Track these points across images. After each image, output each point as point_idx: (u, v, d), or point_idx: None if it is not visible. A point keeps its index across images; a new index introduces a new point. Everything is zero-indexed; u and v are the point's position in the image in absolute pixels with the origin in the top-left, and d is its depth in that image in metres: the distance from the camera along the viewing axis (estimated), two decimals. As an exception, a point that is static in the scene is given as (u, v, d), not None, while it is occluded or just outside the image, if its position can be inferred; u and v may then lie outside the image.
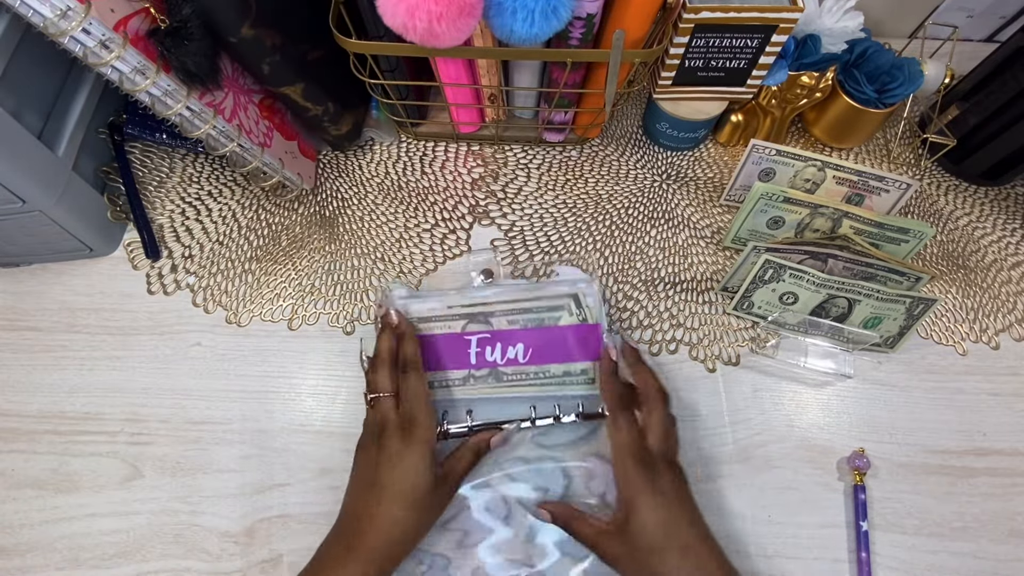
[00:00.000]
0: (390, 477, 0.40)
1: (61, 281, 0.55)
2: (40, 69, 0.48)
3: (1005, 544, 0.46)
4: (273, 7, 0.46)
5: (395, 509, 0.39)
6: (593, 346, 0.48)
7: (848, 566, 0.45)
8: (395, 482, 0.39)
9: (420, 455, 0.40)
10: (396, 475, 0.40)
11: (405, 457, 0.40)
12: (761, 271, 0.49)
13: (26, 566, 0.44)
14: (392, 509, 0.39)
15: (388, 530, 0.39)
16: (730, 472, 0.48)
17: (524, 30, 0.42)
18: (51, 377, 0.51)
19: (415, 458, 0.40)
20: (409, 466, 0.40)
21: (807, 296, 0.50)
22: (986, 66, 0.58)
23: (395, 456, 0.40)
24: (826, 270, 0.51)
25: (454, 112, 0.59)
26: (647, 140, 0.64)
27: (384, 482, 0.40)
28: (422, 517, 0.41)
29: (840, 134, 0.62)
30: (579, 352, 0.48)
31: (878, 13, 0.67)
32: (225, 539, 0.45)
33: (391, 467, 0.40)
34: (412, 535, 0.40)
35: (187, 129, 0.46)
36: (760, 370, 0.52)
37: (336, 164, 0.62)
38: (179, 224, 0.58)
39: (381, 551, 0.38)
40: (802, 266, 0.48)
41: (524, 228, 0.59)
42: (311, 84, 0.51)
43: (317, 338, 0.53)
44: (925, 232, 0.50)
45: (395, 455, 0.40)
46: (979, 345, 0.54)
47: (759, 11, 0.49)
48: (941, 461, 0.49)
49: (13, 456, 0.48)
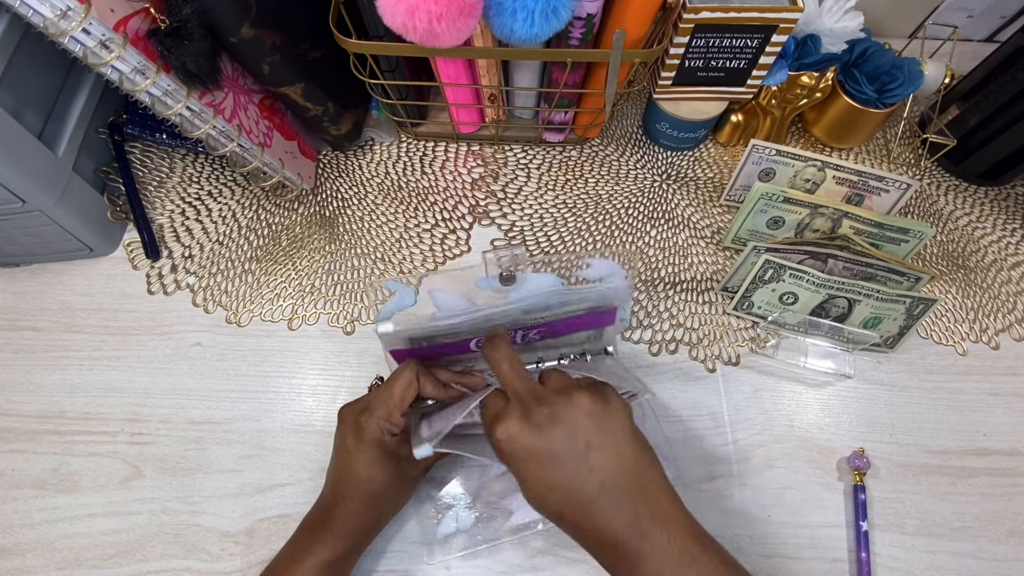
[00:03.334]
0: (348, 471, 0.40)
1: (61, 281, 0.55)
2: (40, 69, 0.48)
3: (1005, 544, 0.46)
4: (273, 7, 0.46)
5: (358, 500, 0.40)
6: (605, 319, 0.45)
7: (848, 566, 0.45)
8: (354, 477, 0.40)
9: (368, 454, 0.39)
10: (352, 471, 0.40)
11: (355, 456, 0.40)
12: (761, 271, 0.49)
13: (26, 566, 0.44)
14: (355, 499, 0.40)
15: (354, 515, 0.40)
16: (730, 472, 0.48)
17: (524, 30, 0.42)
18: (51, 377, 0.51)
19: (364, 457, 0.39)
20: (362, 465, 0.40)
21: (807, 296, 0.50)
22: (986, 66, 0.58)
23: (350, 453, 0.40)
24: (826, 270, 0.51)
25: (454, 112, 0.59)
26: (647, 140, 0.64)
27: (344, 476, 0.40)
28: (383, 507, 0.42)
29: (840, 134, 0.62)
30: (589, 325, 0.46)
31: (878, 13, 0.67)
32: (225, 539, 0.45)
33: (348, 463, 0.40)
34: (376, 523, 0.42)
35: (187, 129, 0.46)
36: (760, 370, 0.52)
37: (336, 164, 0.62)
38: (179, 224, 0.58)
39: (353, 533, 0.40)
40: (802, 266, 0.48)
41: (524, 228, 0.59)
42: (311, 84, 0.51)
43: (317, 338, 0.53)
44: (925, 232, 0.50)
45: (349, 452, 0.40)
46: (979, 345, 0.54)
47: (759, 11, 0.49)
48: (941, 461, 0.49)
49: (13, 456, 0.48)
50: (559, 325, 0.44)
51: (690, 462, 0.48)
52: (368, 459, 0.39)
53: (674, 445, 0.48)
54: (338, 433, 0.41)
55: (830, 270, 0.51)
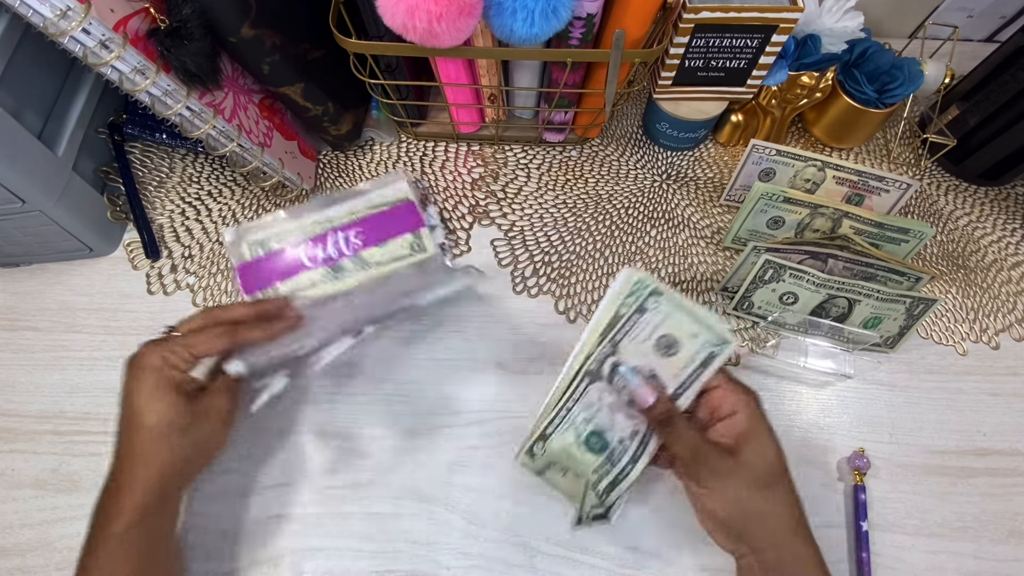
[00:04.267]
0: (124, 406, 0.39)
1: (61, 281, 0.55)
2: (40, 69, 0.48)
3: (1005, 544, 0.46)
4: (273, 7, 0.46)
5: (140, 441, 0.38)
6: (411, 218, 0.54)
7: (848, 566, 0.45)
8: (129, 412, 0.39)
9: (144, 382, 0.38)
10: (127, 406, 0.39)
11: (130, 387, 0.39)
12: (761, 271, 0.49)
13: (26, 566, 0.44)
14: (146, 446, 0.38)
15: (151, 463, 0.38)
16: (730, 472, 0.48)
17: (524, 30, 0.42)
18: (51, 377, 0.51)
19: (139, 386, 0.38)
20: (139, 397, 0.38)
21: (807, 296, 0.50)
22: (986, 66, 0.58)
23: (125, 385, 0.39)
24: (826, 270, 0.51)
25: (454, 112, 0.59)
26: (647, 140, 0.64)
27: (123, 414, 0.39)
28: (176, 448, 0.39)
29: (840, 134, 0.62)
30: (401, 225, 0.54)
31: (878, 13, 0.67)
32: (225, 539, 0.45)
33: (128, 407, 0.39)
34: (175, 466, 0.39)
35: (187, 129, 0.46)
36: (760, 370, 0.52)
37: (336, 164, 0.62)
38: (179, 224, 0.58)
39: (153, 481, 0.38)
40: (802, 266, 0.48)
41: (524, 228, 0.59)
42: (311, 84, 0.51)
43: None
44: (925, 232, 0.50)
45: (125, 384, 0.39)
46: (979, 345, 0.54)
47: (759, 11, 0.49)
48: (941, 461, 0.49)
49: (13, 456, 0.48)
50: (371, 222, 0.53)
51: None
52: (145, 388, 0.38)
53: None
54: None
55: (830, 270, 0.51)
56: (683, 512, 0.45)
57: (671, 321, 0.39)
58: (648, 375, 0.39)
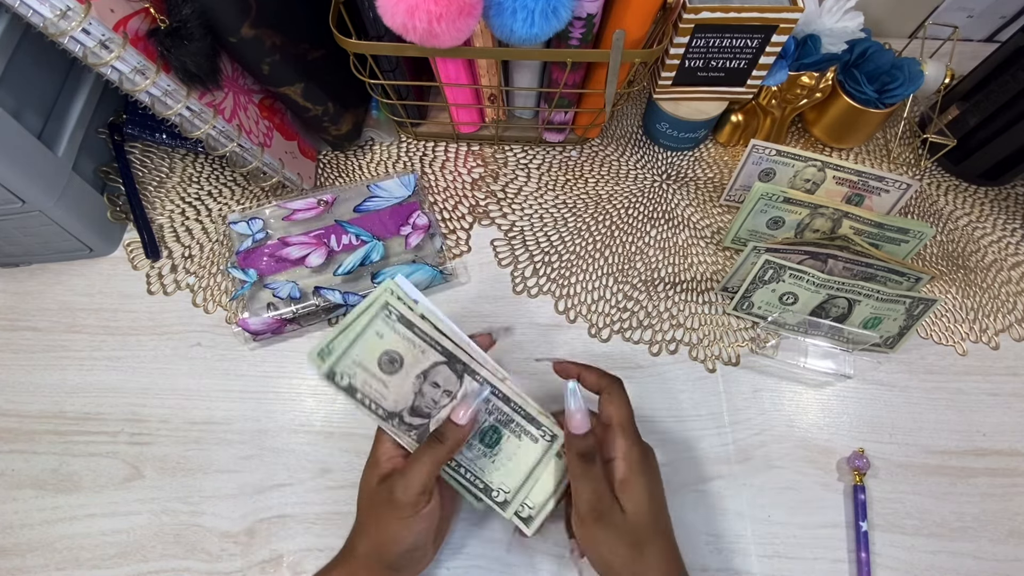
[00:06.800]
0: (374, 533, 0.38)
1: (61, 281, 0.55)
2: (40, 69, 0.48)
3: (1005, 544, 0.46)
4: (273, 7, 0.46)
5: None
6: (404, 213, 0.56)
7: (848, 566, 0.45)
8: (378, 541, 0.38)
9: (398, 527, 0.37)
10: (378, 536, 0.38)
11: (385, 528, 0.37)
12: (761, 271, 0.49)
13: (26, 566, 0.44)
14: None
15: None
16: (730, 472, 0.48)
17: (524, 30, 0.42)
18: (51, 377, 0.51)
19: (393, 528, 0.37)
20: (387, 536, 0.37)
21: (807, 296, 0.50)
22: (986, 66, 0.58)
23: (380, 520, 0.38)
24: (826, 270, 0.51)
25: (454, 112, 0.59)
26: (647, 140, 0.64)
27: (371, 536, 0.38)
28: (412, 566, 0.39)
29: (840, 134, 0.62)
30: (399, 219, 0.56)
31: (878, 13, 0.67)
32: (225, 539, 0.45)
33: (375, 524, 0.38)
34: None
35: (187, 129, 0.46)
36: (760, 370, 0.52)
37: (336, 164, 0.62)
38: (179, 224, 0.58)
39: None
40: (802, 266, 0.48)
41: (524, 228, 0.59)
42: (311, 84, 0.51)
43: (317, 337, 0.53)
44: (925, 232, 0.50)
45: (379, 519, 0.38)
46: (979, 345, 0.54)
47: (759, 11, 0.49)
48: (941, 461, 0.49)
49: (13, 456, 0.48)
50: (373, 217, 0.56)
51: (690, 462, 0.48)
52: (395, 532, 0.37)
53: (678, 445, 0.49)
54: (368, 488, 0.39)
55: (830, 270, 0.51)
56: (683, 512, 0.46)
57: None
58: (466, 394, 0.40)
